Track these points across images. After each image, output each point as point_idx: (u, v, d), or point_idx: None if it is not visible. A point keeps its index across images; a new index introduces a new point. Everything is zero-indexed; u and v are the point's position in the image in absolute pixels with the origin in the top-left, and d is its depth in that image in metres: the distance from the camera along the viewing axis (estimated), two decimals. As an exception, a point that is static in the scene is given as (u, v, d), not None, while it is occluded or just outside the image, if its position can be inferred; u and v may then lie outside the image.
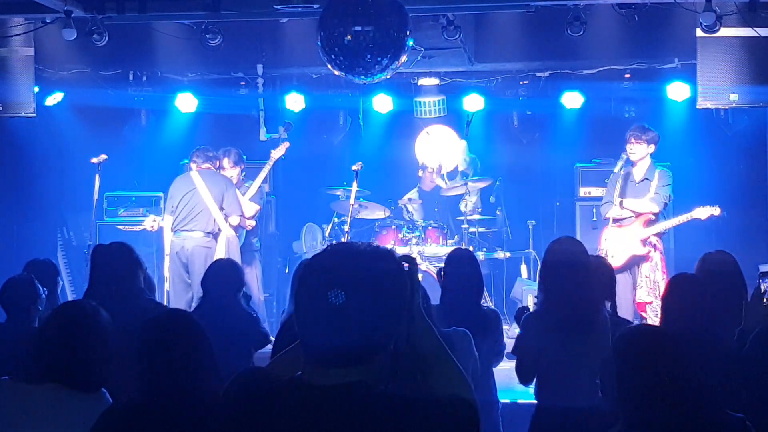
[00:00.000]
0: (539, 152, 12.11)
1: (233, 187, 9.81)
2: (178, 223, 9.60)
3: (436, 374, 2.44)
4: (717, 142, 11.26)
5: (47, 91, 10.79)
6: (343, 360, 2.22)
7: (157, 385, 3.36)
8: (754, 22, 8.61)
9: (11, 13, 9.14)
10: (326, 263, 2.29)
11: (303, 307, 2.28)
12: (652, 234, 9.20)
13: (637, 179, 9.37)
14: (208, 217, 9.55)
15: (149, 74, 11.23)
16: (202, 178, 9.64)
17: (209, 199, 9.55)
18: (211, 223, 9.57)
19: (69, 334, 3.74)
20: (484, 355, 5.42)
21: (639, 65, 10.54)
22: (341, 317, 2.20)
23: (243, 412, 2.28)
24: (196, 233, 9.55)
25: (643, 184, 9.33)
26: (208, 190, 9.56)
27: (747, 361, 4.32)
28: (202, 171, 9.72)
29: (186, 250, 9.50)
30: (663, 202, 9.29)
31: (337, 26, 7.51)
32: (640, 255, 9.15)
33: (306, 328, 2.26)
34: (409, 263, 2.40)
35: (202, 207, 9.55)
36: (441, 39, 9.55)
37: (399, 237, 10.74)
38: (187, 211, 9.56)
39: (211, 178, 9.68)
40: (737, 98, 8.85)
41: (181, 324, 3.52)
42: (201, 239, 9.54)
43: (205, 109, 11.61)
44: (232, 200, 9.68)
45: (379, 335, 2.25)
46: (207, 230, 9.56)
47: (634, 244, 9.19)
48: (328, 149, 12.45)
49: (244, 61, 10.92)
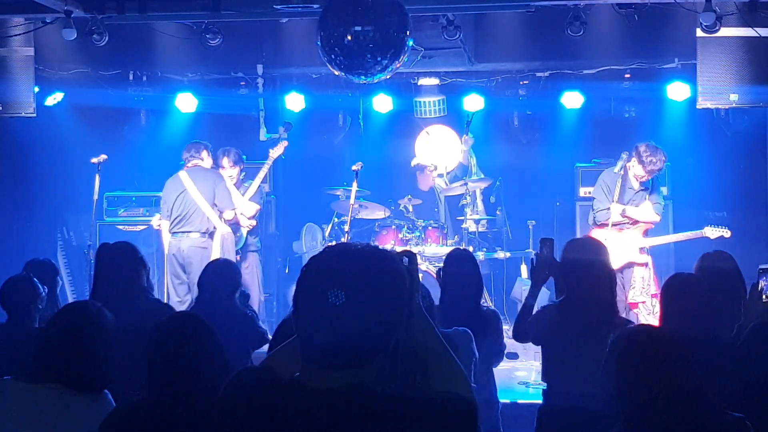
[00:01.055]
0: (539, 152, 12.11)
1: (223, 182, 9.80)
2: (174, 225, 9.64)
3: (436, 373, 2.44)
4: (717, 142, 11.25)
5: (47, 91, 10.78)
6: (342, 362, 2.21)
7: (167, 386, 3.37)
8: (754, 22, 8.60)
9: (11, 13, 9.14)
10: (325, 264, 2.28)
11: (302, 309, 2.27)
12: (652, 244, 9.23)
13: (636, 188, 9.32)
14: (202, 216, 9.57)
15: (149, 74, 11.23)
16: (190, 177, 9.66)
17: (200, 199, 9.57)
18: (206, 222, 9.59)
19: (73, 334, 3.75)
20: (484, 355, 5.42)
21: (639, 65, 10.53)
22: (341, 318, 2.19)
23: (242, 416, 2.27)
24: (192, 234, 9.58)
25: (641, 193, 9.31)
26: (197, 190, 9.58)
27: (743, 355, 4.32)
28: (190, 170, 9.74)
29: (182, 251, 9.54)
30: (661, 209, 9.36)
31: (337, 26, 7.52)
32: (638, 263, 9.15)
33: (305, 329, 2.25)
34: (409, 258, 2.40)
35: (194, 207, 9.57)
36: (441, 39, 9.54)
37: (399, 237, 10.74)
38: (181, 213, 9.59)
39: (200, 176, 9.69)
40: (737, 98, 8.85)
41: (191, 326, 3.53)
42: (197, 239, 9.56)
43: (205, 109, 11.61)
44: (223, 195, 9.68)
45: (378, 336, 2.24)
46: (202, 230, 9.58)
47: (633, 252, 9.18)
48: (328, 149, 12.44)
49: (244, 61, 10.92)
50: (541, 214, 11.77)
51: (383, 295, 2.23)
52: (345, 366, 2.21)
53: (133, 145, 11.98)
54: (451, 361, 2.48)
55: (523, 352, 9.22)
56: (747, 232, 10.45)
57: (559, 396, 5.05)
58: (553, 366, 5.14)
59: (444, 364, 2.47)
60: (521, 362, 9.22)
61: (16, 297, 5.46)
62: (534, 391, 7.71)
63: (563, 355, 5.03)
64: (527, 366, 9.08)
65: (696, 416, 3.13)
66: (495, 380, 5.80)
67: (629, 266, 9.17)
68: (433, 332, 2.47)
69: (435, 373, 2.44)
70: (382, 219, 11.10)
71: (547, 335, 5.17)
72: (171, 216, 9.64)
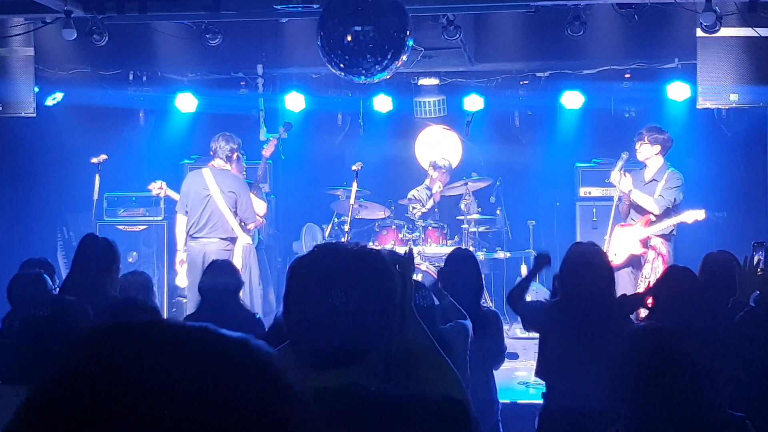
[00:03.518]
0: (539, 152, 12.11)
1: (247, 192, 9.58)
2: (196, 229, 9.40)
3: (429, 374, 2.45)
4: (717, 142, 11.25)
5: (47, 91, 10.78)
6: (334, 361, 2.22)
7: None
8: (754, 22, 8.61)
9: (11, 13, 9.15)
10: (315, 264, 2.29)
11: (292, 309, 2.28)
12: (651, 234, 9.21)
13: (647, 179, 9.37)
14: (225, 224, 9.37)
15: (149, 74, 11.22)
16: (215, 180, 9.41)
17: (224, 207, 9.34)
18: (228, 230, 9.41)
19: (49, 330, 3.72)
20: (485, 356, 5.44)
21: (639, 65, 10.54)
22: (330, 317, 2.20)
23: None
24: (216, 239, 9.37)
25: (651, 185, 9.32)
26: (222, 196, 9.35)
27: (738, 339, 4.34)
28: (215, 171, 9.49)
29: (209, 255, 8.99)
30: (665, 205, 9.23)
31: (337, 26, 7.52)
32: (637, 255, 9.20)
33: (296, 329, 2.26)
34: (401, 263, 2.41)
35: (218, 215, 9.35)
36: (441, 39, 9.54)
37: (399, 237, 10.74)
38: (203, 217, 9.36)
39: (225, 182, 9.43)
40: (737, 98, 8.86)
41: None
42: (220, 243, 9.35)
43: (205, 109, 11.61)
44: (246, 206, 9.47)
45: (370, 335, 2.24)
46: (224, 236, 9.40)
47: (634, 244, 9.24)
48: (328, 149, 12.44)
49: (244, 61, 10.92)
50: (541, 214, 11.77)
51: (373, 294, 2.24)
52: (336, 365, 2.22)
53: (133, 145, 11.97)
54: (443, 362, 2.50)
55: (523, 352, 9.22)
56: (747, 232, 10.44)
57: (559, 396, 5.05)
58: (551, 364, 5.16)
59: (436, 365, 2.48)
60: (521, 362, 9.21)
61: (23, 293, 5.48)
62: (534, 392, 7.70)
63: (563, 353, 5.05)
64: (527, 366, 9.06)
65: (699, 415, 3.13)
66: (495, 380, 5.80)
67: (634, 262, 9.23)
68: (426, 335, 2.49)
69: (428, 374, 2.45)
70: (382, 219, 11.10)
71: (547, 327, 5.23)
72: (190, 216, 9.40)
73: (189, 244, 9.44)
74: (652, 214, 9.23)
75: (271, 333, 4.90)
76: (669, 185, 9.25)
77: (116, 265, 5.67)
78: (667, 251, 9.25)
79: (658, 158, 9.37)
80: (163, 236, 11.10)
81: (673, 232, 9.40)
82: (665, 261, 9.15)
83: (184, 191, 9.59)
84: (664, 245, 9.22)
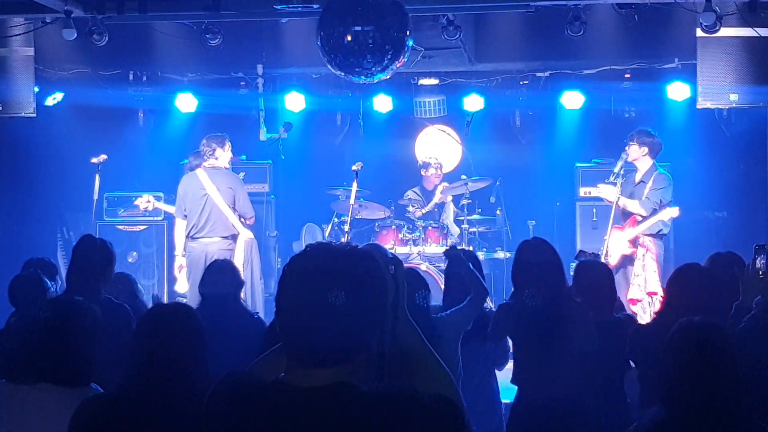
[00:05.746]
0: (539, 152, 12.12)
1: (243, 186, 9.73)
2: (196, 230, 9.44)
3: (421, 374, 2.47)
4: (717, 142, 11.25)
5: (47, 91, 10.78)
6: (326, 360, 2.24)
7: (144, 373, 3.33)
8: (754, 22, 8.61)
9: (11, 13, 9.14)
10: (306, 264, 2.30)
11: (284, 308, 2.29)
12: (637, 234, 9.41)
13: (636, 181, 9.60)
14: (225, 221, 9.45)
15: (149, 74, 11.22)
16: (211, 179, 9.50)
17: (223, 204, 9.42)
18: (229, 227, 9.48)
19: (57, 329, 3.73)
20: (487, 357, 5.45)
21: (639, 65, 10.54)
22: (322, 318, 2.21)
23: (227, 416, 2.28)
24: (217, 238, 9.42)
25: (640, 187, 9.57)
26: (219, 194, 9.43)
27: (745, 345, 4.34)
28: (209, 170, 9.59)
29: (210, 255, 9.07)
30: (651, 207, 9.45)
31: (337, 26, 7.52)
32: (628, 254, 9.43)
33: (288, 328, 2.28)
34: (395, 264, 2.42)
35: (218, 213, 9.42)
36: (441, 39, 9.55)
37: (399, 237, 10.74)
38: (202, 217, 9.42)
39: (221, 180, 9.54)
40: (737, 98, 8.87)
41: (181, 315, 3.51)
42: (221, 243, 9.41)
43: (205, 109, 11.60)
44: (244, 200, 9.60)
45: (361, 334, 2.26)
46: (225, 234, 9.46)
47: (623, 245, 9.48)
48: (328, 149, 12.44)
49: (244, 61, 10.91)
50: (541, 214, 11.77)
51: (363, 294, 2.25)
52: (327, 363, 2.23)
53: (133, 145, 11.96)
54: (434, 361, 2.51)
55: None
56: (747, 232, 10.45)
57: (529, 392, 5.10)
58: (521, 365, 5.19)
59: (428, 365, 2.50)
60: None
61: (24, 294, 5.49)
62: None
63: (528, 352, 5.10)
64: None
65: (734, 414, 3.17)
66: (498, 381, 5.81)
67: (626, 262, 9.43)
68: (419, 336, 2.50)
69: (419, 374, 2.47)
70: (382, 219, 11.09)
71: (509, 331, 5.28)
72: (189, 218, 9.45)
73: (190, 245, 9.46)
74: (639, 215, 9.45)
75: (271, 331, 4.90)
76: (655, 186, 9.45)
77: (111, 266, 5.66)
78: (657, 249, 9.43)
79: (647, 159, 9.58)
80: (163, 236, 11.10)
81: (662, 230, 9.52)
82: (656, 258, 9.35)
83: (180, 195, 9.64)
84: (653, 243, 9.42)
